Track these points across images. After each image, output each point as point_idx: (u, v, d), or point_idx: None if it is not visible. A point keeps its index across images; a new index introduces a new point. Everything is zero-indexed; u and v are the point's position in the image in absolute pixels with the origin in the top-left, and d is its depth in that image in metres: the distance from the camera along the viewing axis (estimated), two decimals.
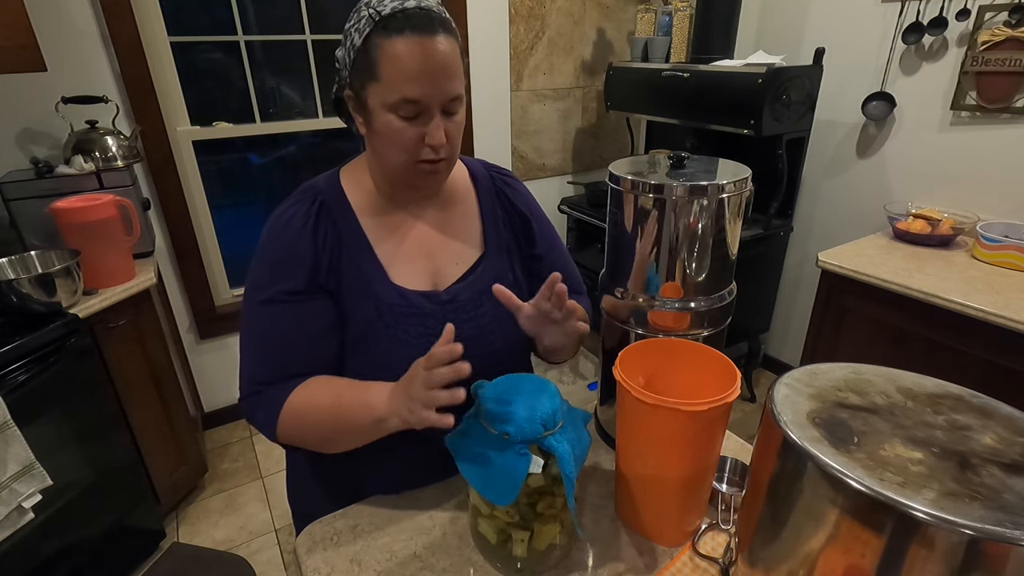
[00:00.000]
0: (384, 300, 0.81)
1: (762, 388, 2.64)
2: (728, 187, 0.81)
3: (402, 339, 0.81)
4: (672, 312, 0.87)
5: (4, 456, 1.26)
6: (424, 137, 0.74)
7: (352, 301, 0.81)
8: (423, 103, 0.72)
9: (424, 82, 0.71)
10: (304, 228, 0.80)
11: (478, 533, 0.75)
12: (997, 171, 1.90)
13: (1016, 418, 0.51)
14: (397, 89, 0.71)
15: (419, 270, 0.85)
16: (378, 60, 0.70)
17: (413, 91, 0.71)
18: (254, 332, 0.81)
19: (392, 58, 0.70)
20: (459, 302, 0.85)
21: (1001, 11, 1.78)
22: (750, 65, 1.98)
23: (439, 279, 0.86)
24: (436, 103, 0.73)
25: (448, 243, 0.88)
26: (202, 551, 1.35)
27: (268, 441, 2.38)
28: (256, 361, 0.81)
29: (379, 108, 0.73)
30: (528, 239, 0.96)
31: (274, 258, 0.80)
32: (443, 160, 0.78)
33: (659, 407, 0.66)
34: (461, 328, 0.81)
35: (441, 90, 0.72)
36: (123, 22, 1.81)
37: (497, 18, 2.39)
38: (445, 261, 0.87)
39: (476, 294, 0.86)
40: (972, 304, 1.48)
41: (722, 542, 0.78)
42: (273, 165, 2.42)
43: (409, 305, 0.82)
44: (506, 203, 0.95)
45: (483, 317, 0.86)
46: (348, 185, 0.85)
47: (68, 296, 1.49)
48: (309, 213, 0.81)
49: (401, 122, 0.73)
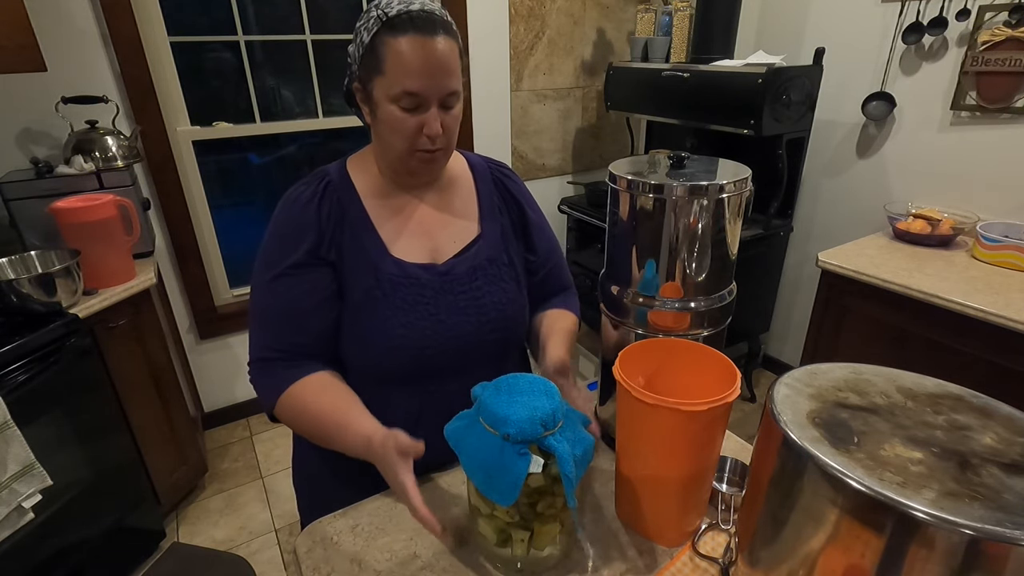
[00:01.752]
0: (384, 271, 0.87)
1: (762, 388, 2.64)
2: (728, 187, 0.81)
3: (400, 306, 0.86)
4: (672, 312, 0.87)
5: (4, 456, 1.26)
6: (423, 127, 0.81)
7: (352, 271, 0.87)
8: (422, 96, 0.79)
9: (424, 77, 0.77)
10: (310, 203, 0.86)
11: (478, 533, 0.75)
12: (997, 171, 1.90)
13: (1016, 418, 0.51)
14: (399, 83, 0.77)
15: (419, 246, 0.91)
16: (384, 56, 0.77)
17: (413, 85, 0.77)
18: (262, 305, 0.87)
19: (396, 55, 0.77)
20: (455, 275, 0.90)
21: (1001, 11, 1.78)
22: (750, 65, 1.98)
23: (437, 255, 0.92)
24: (434, 97, 0.79)
25: (447, 224, 0.94)
26: (202, 551, 1.35)
27: (269, 441, 2.40)
28: (264, 331, 0.87)
29: (383, 99, 0.80)
30: (524, 226, 1.01)
31: (282, 230, 0.87)
32: (440, 150, 0.85)
33: (659, 407, 0.66)
34: (456, 299, 0.89)
35: (439, 85, 0.79)
36: (123, 22, 1.81)
37: (497, 18, 2.39)
38: (443, 240, 0.93)
39: (471, 268, 0.91)
40: (972, 304, 1.48)
41: (722, 542, 0.78)
42: (273, 165, 2.42)
43: (407, 276, 0.87)
44: (503, 191, 1.01)
45: (478, 290, 0.91)
46: (354, 171, 0.92)
47: (68, 296, 1.49)
48: (316, 191, 0.88)
49: (402, 113, 0.80)
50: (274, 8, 2.16)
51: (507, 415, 0.65)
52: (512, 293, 0.95)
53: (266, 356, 0.86)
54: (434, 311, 0.87)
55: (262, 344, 0.87)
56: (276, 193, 0.94)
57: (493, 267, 0.93)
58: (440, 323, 0.87)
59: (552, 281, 1.05)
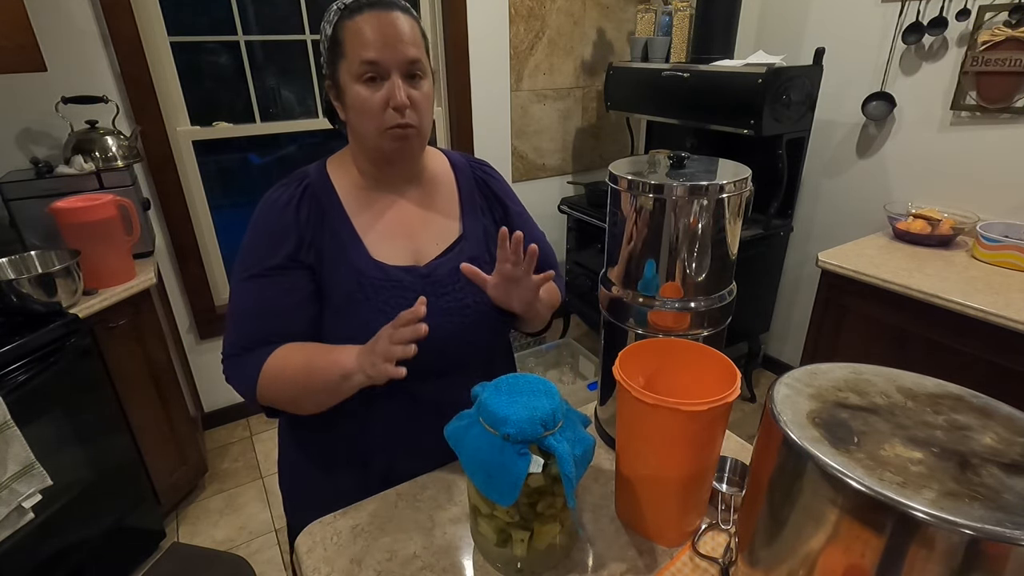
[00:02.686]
0: (364, 273, 0.86)
1: (762, 388, 2.64)
2: (728, 187, 0.81)
3: (382, 310, 0.85)
4: (672, 312, 0.87)
5: (4, 456, 1.26)
6: (388, 101, 0.80)
7: (332, 274, 0.86)
8: (381, 64, 0.79)
9: (380, 46, 0.78)
10: (288, 206, 0.86)
11: (478, 533, 0.75)
12: (997, 171, 1.90)
13: (1016, 418, 0.51)
14: (357, 55, 0.79)
15: (400, 247, 0.90)
16: (343, 39, 0.80)
17: (370, 54, 0.78)
18: (237, 304, 0.87)
19: (353, 32, 0.79)
20: (436, 276, 0.90)
21: (1001, 11, 1.78)
22: (750, 65, 1.98)
23: (419, 256, 0.91)
24: (394, 65, 0.79)
25: (428, 224, 0.94)
26: (202, 551, 1.35)
27: (268, 441, 2.40)
28: (237, 329, 0.87)
29: (348, 82, 0.81)
30: (506, 222, 1.00)
31: (260, 232, 0.87)
32: (411, 127, 0.83)
33: (659, 407, 0.66)
34: (439, 301, 0.88)
35: (397, 52, 0.79)
36: (123, 22, 1.81)
37: (497, 18, 2.39)
38: (425, 241, 0.92)
39: (453, 270, 0.91)
40: (972, 304, 1.48)
41: (722, 542, 0.78)
42: (273, 165, 2.42)
43: (388, 279, 0.87)
44: (485, 189, 1.01)
45: (460, 292, 0.90)
46: (334, 170, 0.92)
47: (68, 296, 1.49)
48: (294, 194, 0.87)
49: (366, 90, 0.80)
50: (274, 8, 2.16)
51: (507, 415, 0.65)
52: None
53: (235, 353, 0.86)
54: None
55: (233, 342, 0.86)
56: None
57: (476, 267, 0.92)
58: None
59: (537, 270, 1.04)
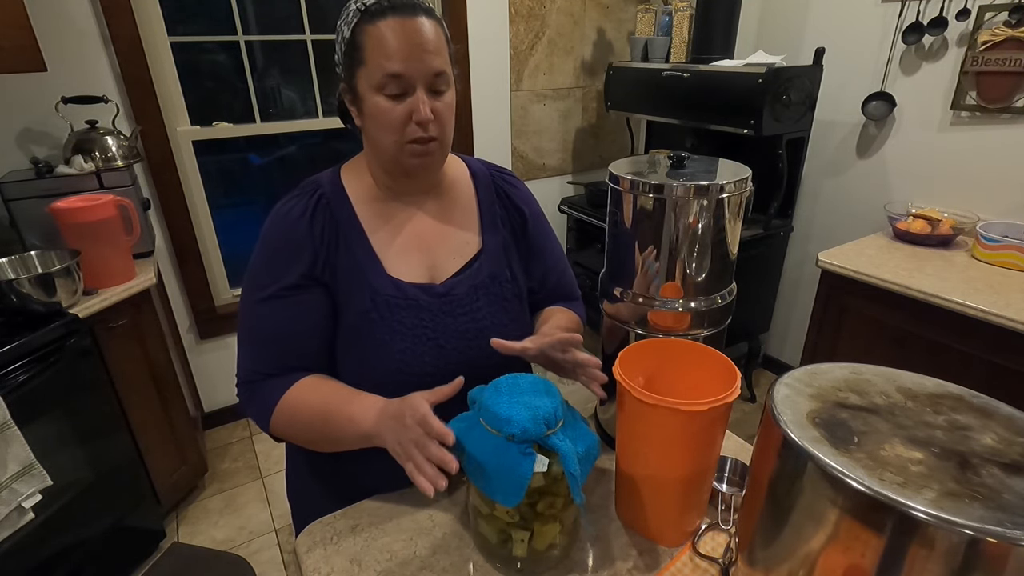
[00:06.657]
0: (379, 291, 0.82)
1: (762, 388, 2.64)
2: (728, 187, 0.81)
3: (398, 331, 0.82)
4: (672, 312, 0.87)
5: (4, 456, 1.26)
6: (411, 115, 0.76)
7: (347, 291, 0.82)
8: (406, 78, 0.74)
9: (405, 57, 0.73)
10: (302, 219, 0.81)
11: (478, 533, 0.75)
12: (997, 171, 1.90)
13: (1016, 418, 0.51)
14: (381, 67, 0.73)
15: (416, 263, 0.86)
16: (363, 45, 0.74)
17: (395, 66, 0.73)
18: (251, 326, 0.83)
19: (375, 39, 0.73)
20: (454, 295, 0.85)
21: (1001, 11, 1.78)
22: (750, 65, 1.98)
23: (436, 272, 0.87)
24: (419, 78, 0.74)
25: (446, 238, 0.89)
26: (202, 551, 1.35)
27: (268, 441, 2.40)
28: (253, 353, 0.83)
29: (368, 92, 0.76)
30: (526, 238, 0.96)
31: (273, 248, 0.82)
32: (434, 140, 0.79)
33: (659, 407, 0.66)
34: (455, 322, 0.84)
35: (423, 64, 0.74)
36: (123, 22, 1.80)
37: (497, 18, 2.38)
38: (443, 255, 0.88)
39: (472, 289, 0.87)
40: (972, 304, 1.48)
41: (722, 542, 0.78)
42: (273, 165, 2.42)
43: (404, 297, 0.83)
44: (505, 201, 0.95)
45: (478, 312, 0.86)
46: (348, 180, 0.87)
47: (68, 296, 1.49)
48: (308, 205, 0.83)
49: (388, 102, 0.75)
50: (274, 8, 2.16)
51: (509, 415, 0.65)
52: (515, 313, 0.90)
53: (252, 379, 0.83)
54: (433, 335, 0.83)
55: (248, 367, 0.83)
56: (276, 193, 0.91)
57: (495, 285, 0.88)
58: (440, 349, 0.83)
59: (559, 292, 1.00)
